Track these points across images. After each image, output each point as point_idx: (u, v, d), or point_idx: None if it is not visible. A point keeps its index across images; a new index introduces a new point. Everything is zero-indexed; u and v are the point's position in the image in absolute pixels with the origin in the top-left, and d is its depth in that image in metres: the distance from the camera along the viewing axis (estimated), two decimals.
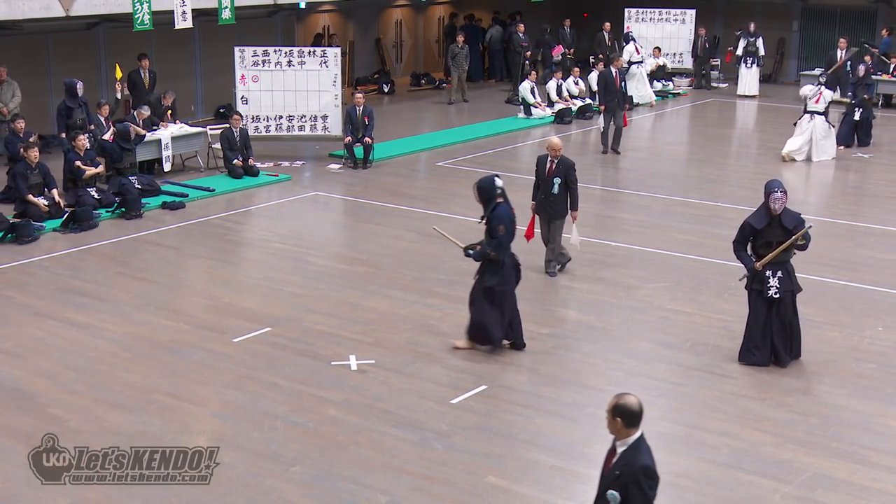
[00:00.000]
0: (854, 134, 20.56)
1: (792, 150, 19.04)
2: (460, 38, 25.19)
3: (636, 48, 26.11)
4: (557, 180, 12.13)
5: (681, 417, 8.87)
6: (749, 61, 26.42)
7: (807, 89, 19.19)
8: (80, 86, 16.70)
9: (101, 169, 15.40)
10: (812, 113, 18.96)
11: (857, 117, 20.45)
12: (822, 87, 18.97)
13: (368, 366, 9.79)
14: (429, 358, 9.96)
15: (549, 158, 12.23)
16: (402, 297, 11.64)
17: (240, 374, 9.64)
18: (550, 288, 12.27)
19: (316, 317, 11.04)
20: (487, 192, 9.92)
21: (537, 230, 12.35)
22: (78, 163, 15.03)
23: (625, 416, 5.62)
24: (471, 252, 10.06)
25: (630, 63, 25.86)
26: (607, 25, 27.63)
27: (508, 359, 9.95)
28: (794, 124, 19.47)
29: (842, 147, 20.11)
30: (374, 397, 9.13)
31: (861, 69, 21.44)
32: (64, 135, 16.42)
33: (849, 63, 22.72)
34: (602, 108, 19.62)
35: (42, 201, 14.39)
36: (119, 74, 17.44)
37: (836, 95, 20.06)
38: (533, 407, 8.98)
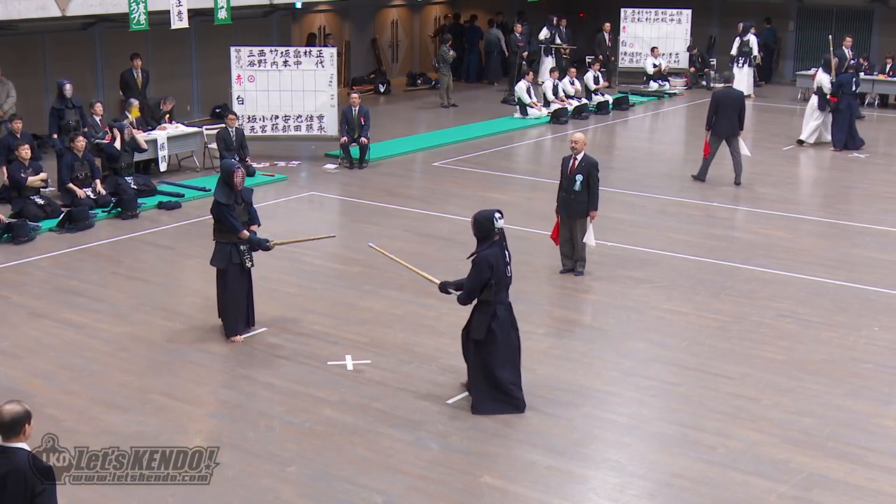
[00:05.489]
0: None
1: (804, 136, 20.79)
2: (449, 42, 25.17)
3: (548, 30, 26.56)
4: (580, 177, 12.09)
5: (677, 417, 8.87)
6: (741, 61, 26.39)
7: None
8: (67, 87, 16.61)
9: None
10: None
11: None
12: (819, 69, 20.56)
13: (364, 366, 9.78)
14: (425, 358, 9.95)
15: (572, 155, 12.23)
16: (397, 296, 11.63)
17: (236, 375, 9.63)
18: (546, 288, 12.27)
19: (312, 317, 11.03)
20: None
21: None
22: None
23: None
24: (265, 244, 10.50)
25: (540, 43, 26.17)
26: (607, 26, 27.66)
27: None
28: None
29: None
30: (370, 397, 9.12)
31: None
32: (56, 135, 16.40)
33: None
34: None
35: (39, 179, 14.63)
36: (136, 113, 17.10)
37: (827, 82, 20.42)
38: (528, 407, 8.95)
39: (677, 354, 10.19)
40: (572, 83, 24.15)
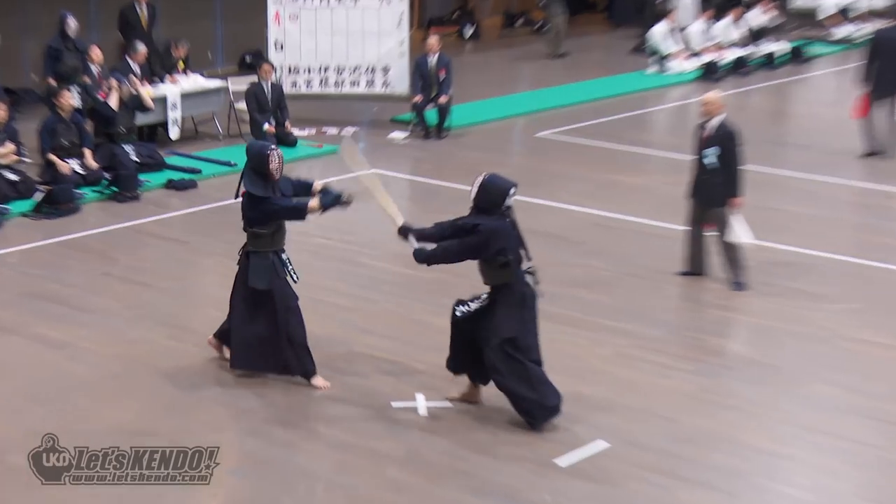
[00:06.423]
0: None
1: None
2: None
3: None
4: (712, 150, 12.01)
5: (880, 496, 8.60)
6: None
7: None
8: (71, 22, 16.89)
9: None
10: None
11: None
12: None
13: (442, 410, 9.67)
14: None
15: (705, 122, 12.21)
16: None
17: (266, 418, 9.58)
18: (689, 304, 12.20)
19: (370, 339, 10.99)
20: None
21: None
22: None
23: None
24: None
25: None
26: None
27: (608, 397, 9.69)
28: None
29: None
30: (449, 454, 9.00)
31: None
32: (54, 81, 16.54)
33: None
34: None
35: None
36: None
37: None
38: (676, 476, 8.71)
39: (880, 404, 9.95)
40: (733, 26, 23.97)
